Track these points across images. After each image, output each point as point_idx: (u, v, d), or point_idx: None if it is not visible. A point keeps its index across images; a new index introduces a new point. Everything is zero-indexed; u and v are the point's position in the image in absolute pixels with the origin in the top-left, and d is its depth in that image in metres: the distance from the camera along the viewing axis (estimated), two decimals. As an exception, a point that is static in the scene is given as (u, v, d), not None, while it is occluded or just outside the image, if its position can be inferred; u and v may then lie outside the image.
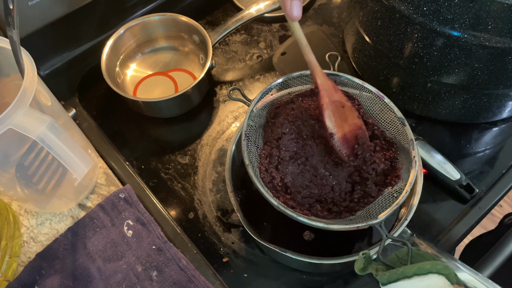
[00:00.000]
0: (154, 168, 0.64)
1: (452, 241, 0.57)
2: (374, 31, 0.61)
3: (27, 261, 0.55)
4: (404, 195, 0.45)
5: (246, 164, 0.47)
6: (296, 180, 0.49)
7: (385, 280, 0.39)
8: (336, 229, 0.44)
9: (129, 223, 0.56)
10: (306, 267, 0.55)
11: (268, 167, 0.49)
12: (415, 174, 0.47)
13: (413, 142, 0.49)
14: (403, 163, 0.49)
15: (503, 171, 0.62)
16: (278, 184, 0.48)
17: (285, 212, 0.45)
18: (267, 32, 0.77)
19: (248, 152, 0.48)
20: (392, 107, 0.51)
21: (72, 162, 0.44)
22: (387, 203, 0.47)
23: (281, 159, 0.50)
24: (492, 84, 0.56)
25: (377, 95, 0.52)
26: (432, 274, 0.38)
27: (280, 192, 0.48)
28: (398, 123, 0.51)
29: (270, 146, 0.50)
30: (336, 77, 0.53)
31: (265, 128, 0.53)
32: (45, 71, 0.71)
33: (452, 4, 0.48)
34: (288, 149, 0.50)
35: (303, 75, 0.53)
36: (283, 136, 0.50)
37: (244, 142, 0.48)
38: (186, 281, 0.52)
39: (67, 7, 0.65)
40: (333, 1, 0.81)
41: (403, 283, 0.38)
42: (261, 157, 0.50)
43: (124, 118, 0.68)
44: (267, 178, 0.48)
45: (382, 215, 0.44)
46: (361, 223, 0.44)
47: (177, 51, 0.73)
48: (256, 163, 0.49)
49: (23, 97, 0.41)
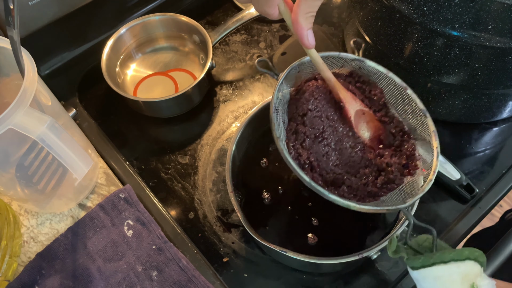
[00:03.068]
0: (154, 168, 0.64)
1: (452, 241, 0.57)
2: (374, 31, 0.61)
3: (27, 261, 0.55)
4: (428, 184, 0.45)
5: (276, 137, 0.46)
6: (322, 161, 0.48)
7: (419, 264, 0.39)
8: (367, 210, 0.43)
9: (129, 223, 0.56)
10: (306, 267, 0.55)
11: (295, 144, 0.48)
12: (438, 164, 0.47)
13: (435, 133, 0.49)
14: (420, 154, 0.49)
15: (503, 171, 0.62)
16: (305, 161, 0.47)
17: (316, 189, 0.44)
18: (267, 32, 0.77)
19: (277, 125, 0.47)
20: (414, 99, 0.51)
21: (72, 162, 0.44)
22: (411, 190, 0.47)
23: (307, 137, 0.49)
24: (492, 84, 0.56)
25: (400, 86, 0.51)
26: (469, 260, 0.38)
27: (307, 170, 0.48)
28: (420, 114, 0.50)
29: (295, 122, 0.49)
30: (362, 62, 0.52)
31: (289, 105, 0.51)
32: (45, 71, 0.71)
33: (452, 4, 0.48)
34: (313, 126, 0.49)
35: (331, 56, 0.52)
36: (309, 112, 0.49)
37: (274, 115, 0.47)
38: (186, 281, 0.52)
39: (67, 7, 0.65)
40: (333, 1, 0.81)
41: (438, 268, 0.38)
42: (288, 132, 0.49)
43: (124, 118, 0.68)
44: (294, 154, 0.47)
45: (410, 201, 0.44)
46: (389, 206, 0.44)
47: (177, 51, 0.73)
48: (284, 138, 0.48)
49: (23, 97, 0.41)
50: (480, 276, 0.37)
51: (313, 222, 0.55)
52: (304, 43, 0.45)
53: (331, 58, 0.52)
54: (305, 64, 0.52)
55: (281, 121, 0.49)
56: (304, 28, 0.43)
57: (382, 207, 0.44)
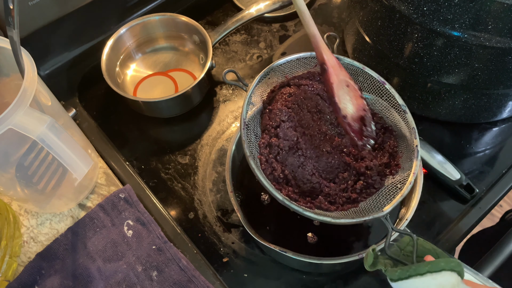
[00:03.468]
0: (154, 168, 0.64)
1: (452, 241, 0.57)
2: (374, 31, 0.61)
3: (27, 261, 0.55)
4: (408, 186, 0.44)
5: (246, 155, 0.45)
6: (297, 172, 0.47)
7: (396, 276, 0.39)
8: (343, 223, 0.43)
9: (129, 223, 0.56)
10: (306, 267, 0.55)
11: (268, 158, 0.47)
12: (418, 164, 0.45)
13: (415, 130, 0.47)
14: (403, 152, 0.48)
15: (503, 171, 0.62)
16: (280, 175, 0.46)
17: (290, 206, 0.43)
18: (267, 32, 0.77)
19: (248, 142, 0.46)
20: (393, 93, 0.49)
21: (72, 162, 0.44)
22: (391, 194, 0.45)
23: (281, 149, 0.47)
24: (492, 84, 0.56)
25: (378, 81, 0.50)
26: (445, 271, 0.38)
27: (282, 184, 0.46)
28: (399, 110, 0.49)
29: (269, 134, 0.48)
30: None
31: (262, 115, 0.50)
32: (45, 71, 0.70)
33: (452, 4, 0.48)
34: (287, 138, 0.48)
35: (302, 57, 0.51)
36: (282, 123, 0.48)
37: (243, 131, 0.46)
38: (186, 281, 0.52)
39: (67, 7, 0.65)
40: (333, 1, 0.81)
41: (415, 281, 0.38)
42: (261, 146, 0.47)
43: (124, 118, 0.68)
44: (267, 169, 0.46)
45: (388, 208, 0.43)
46: (367, 216, 0.43)
47: (177, 51, 0.73)
48: (257, 153, 0.47)
49: (23, 97, 0.41)
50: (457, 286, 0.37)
51: (314, 222, 0.55)
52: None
53: (303, 59, 0.51)
54: (275, 69, 0.51)
55: (252, 135, 0.48)
56: None
57: (359, 218, 0.43)
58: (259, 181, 0.45)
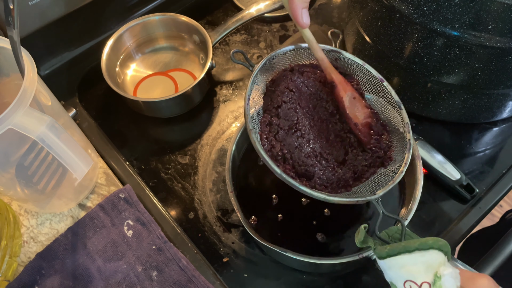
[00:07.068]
0: (154, 168, 0.64)
1: (452, 241, 0.57)
2: (374, 31, 0.61)
3: (27, 261, 0.55)
4: (400, 175, 0.46)
5: (248, 129, 0.47)
6: (294, 153, 0.49)
7: (385, 254, 0.40)
8: (336, 201, 0.44)
9: (129, 223, 0.56)
10: (306, 267, 0.55)
11: (268, 136, 0.49)
12: (409, 156, 0.48)
13: (408, 125, 0.50)
14: (395, 146, 0.50)
15: (503, 171, 0.62)
16: (278, 153, 0.48)
17: (286, 180, 0.44)
18: (267, 32, 0.77)
19: (251, 117, 0.48)
20: (390, 90, 0.51)
21: (72, 162, 0.44)
22: (383, 181, 0.47)
23: (281, 128, 0.49)
24: (492, 84, 0.56)
25: (376, 78, 0.52)
26: (433, 249, 0.38)
27: (280, 162, 0.48)
28: (395, 106, 0.51)
29: (270, 114, 0.50)
30: (338, 54, 0.53)
31: (264, 96, 0.52)
32: (45, 71, 0.71)
33: (452, 4, 0.48)
34: (287, 118, 0.50)
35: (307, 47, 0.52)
36: (283, 104, 0.50)
37: (247, 107, 0.48)
38: (186, 281, 0.52)
39: (67, 7, 0.65)
40: (333, 1, 0.81)
41: (403, 257, 0.39)
42: (262, 124, 0.49)
43: (124, 118, 0.68)
44: (267, 146, 0.48)
45: (380, 192, 0.45)
46: (360, 198, 0.45)
47: (177, 51, 0.73)
48: (258, 130, 0.49)
49: (23, 97, 0.41)
50: (444, 265, 0.38)
51: (314, 222, 0.55)
52: (298, 21, 0.45)
53: (307, 49, 0.53)
54: (280, 55, 0.52)
55: (255, 113, 0.50)
56: (299, 7, 0.43)
57: (352, 198, 0.45)
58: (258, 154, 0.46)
